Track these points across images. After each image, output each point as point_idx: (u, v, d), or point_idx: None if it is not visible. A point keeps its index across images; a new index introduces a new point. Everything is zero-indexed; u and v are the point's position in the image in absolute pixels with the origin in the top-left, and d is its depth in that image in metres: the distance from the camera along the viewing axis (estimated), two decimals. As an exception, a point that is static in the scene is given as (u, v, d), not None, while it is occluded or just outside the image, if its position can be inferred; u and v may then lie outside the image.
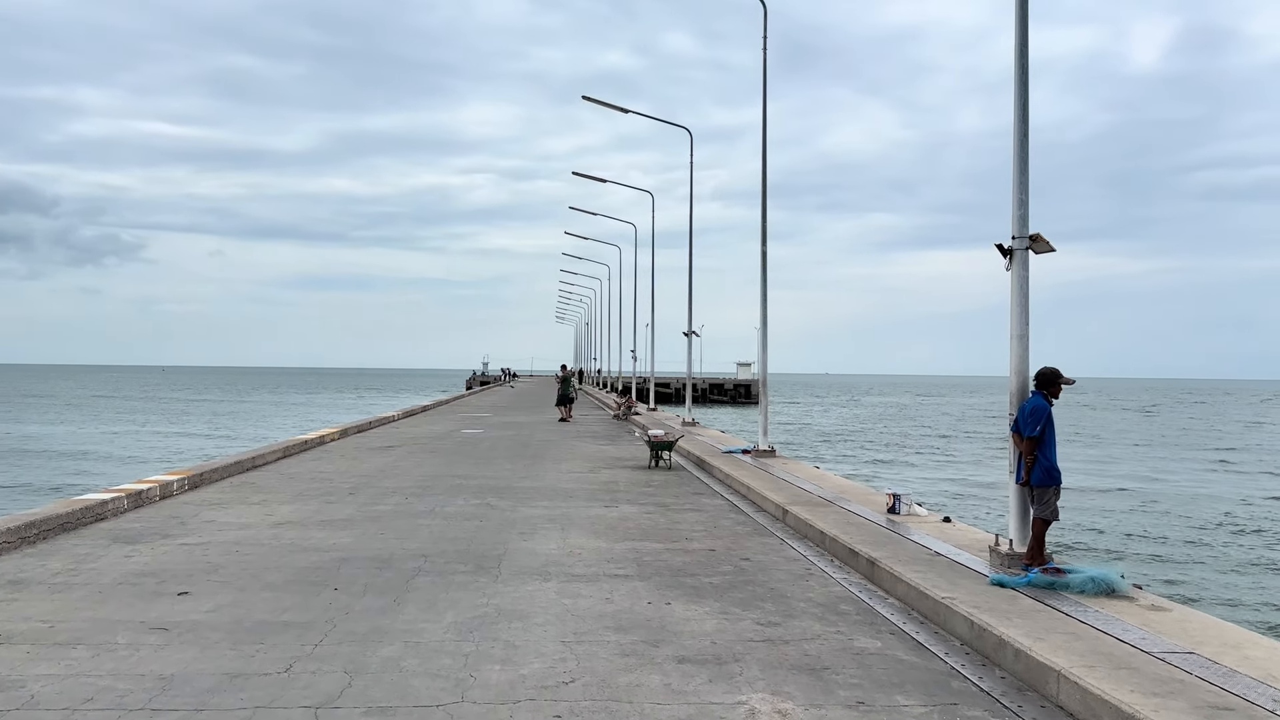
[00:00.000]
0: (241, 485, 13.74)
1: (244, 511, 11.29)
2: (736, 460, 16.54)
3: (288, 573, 7.99)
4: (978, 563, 7.82)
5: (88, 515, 10.09)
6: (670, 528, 10.58)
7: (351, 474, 15.35)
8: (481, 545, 9.35)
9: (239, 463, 15.39)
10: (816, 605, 7.17)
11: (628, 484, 14.55)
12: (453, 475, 15.37)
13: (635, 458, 18.83)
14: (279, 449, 17.84)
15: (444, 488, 13.78)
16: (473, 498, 12.77)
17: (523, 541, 9.58)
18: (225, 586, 7.46)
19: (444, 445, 21.20)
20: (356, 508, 11.70)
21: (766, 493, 12.21)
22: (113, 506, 10.70)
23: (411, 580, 7.78)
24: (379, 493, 13.10)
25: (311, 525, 10.39)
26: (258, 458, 16.39)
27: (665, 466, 16.85)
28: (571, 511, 11.65)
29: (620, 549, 9.28)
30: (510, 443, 22.26)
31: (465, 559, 8.68)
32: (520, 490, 13.59)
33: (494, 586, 7.61)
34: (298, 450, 18.89)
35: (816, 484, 13.15)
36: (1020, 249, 7.72)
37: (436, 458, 18.27)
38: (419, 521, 10.73)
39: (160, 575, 7.78)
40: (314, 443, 20.31)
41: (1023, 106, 7.77)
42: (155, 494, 11.94)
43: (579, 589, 7.57)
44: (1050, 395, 7.59)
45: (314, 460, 17.51)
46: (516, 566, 8.39)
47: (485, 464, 17.23)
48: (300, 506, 11.75)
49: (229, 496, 12.55)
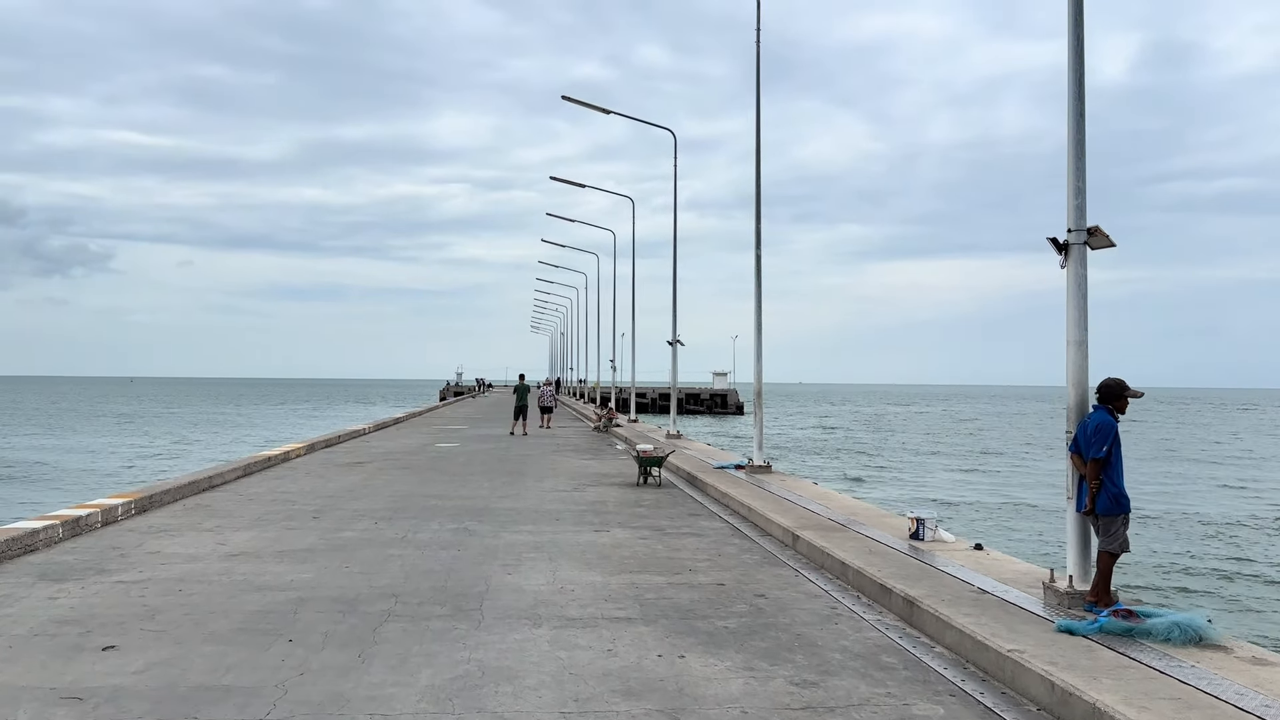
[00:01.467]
0: (195, 508, 12.57)
1: (194, 540, 10.15)
2: (731, 477, 15.54)
3: (236, 618, 6.88)
4: (1031, 601, 6.85)
5: (14, 547, 8.92)
6: (670, 556, 9.55)
7: (317, 495, 14.20)
8: (460, 581, 8.28)
9: (194, 483, 14.20)
10: (855, 657, 6.16)
11: (617, 504, 13.50)
12: (427, 495, 14.26)
13: (621, 473, 17.78)
14: (239, 467, 16.64)
15: (417, 510, 12.68)
16: (449, 521, 11.68)
17: (507, 575, 8.52)
18: (160, 638, 6.35)
19: (417, 461, 20.06)
20: (320, 535, 10.58)
21: (771, 514, 11.21)
22: (45, 536, 9.52)
23: (380, 628, 6.70)
24: (346, 516, 11.97)
25: (268, 557, 9.27)
26: (215, 477, 15.19)
27: (655, 483, 15.83)
28: (559, 537, 10.59)
29: (618, 584, 8.23)
30: (487, 458, 21.15)
31: (442, 598, 7.61)
32: (501, 512, 12.51)
33: (476, 635, 6.55)
34: (260, 468, 17.69)
35: (823, 504, 12.17)
36: (1077, 244, 6.78)
37: (409, 475, 17.14)
38: (389, 551, 9.63)
39: (86, 623, 6.66)
40: (278, 459, 19.10)
41: (1077, 81, 6.86)
42: (96, 520, 10.76)
43: (576, 637, 6.52)
44: (1116, 410, 6.65)
45: (277, 479, 16.32)
46: (501, 608, 7.32)
47: (461, 482, 16.12)
48: (258, 534, 10.61)
49: (180, 522, 11.38)
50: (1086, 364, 6.79)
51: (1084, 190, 6.82)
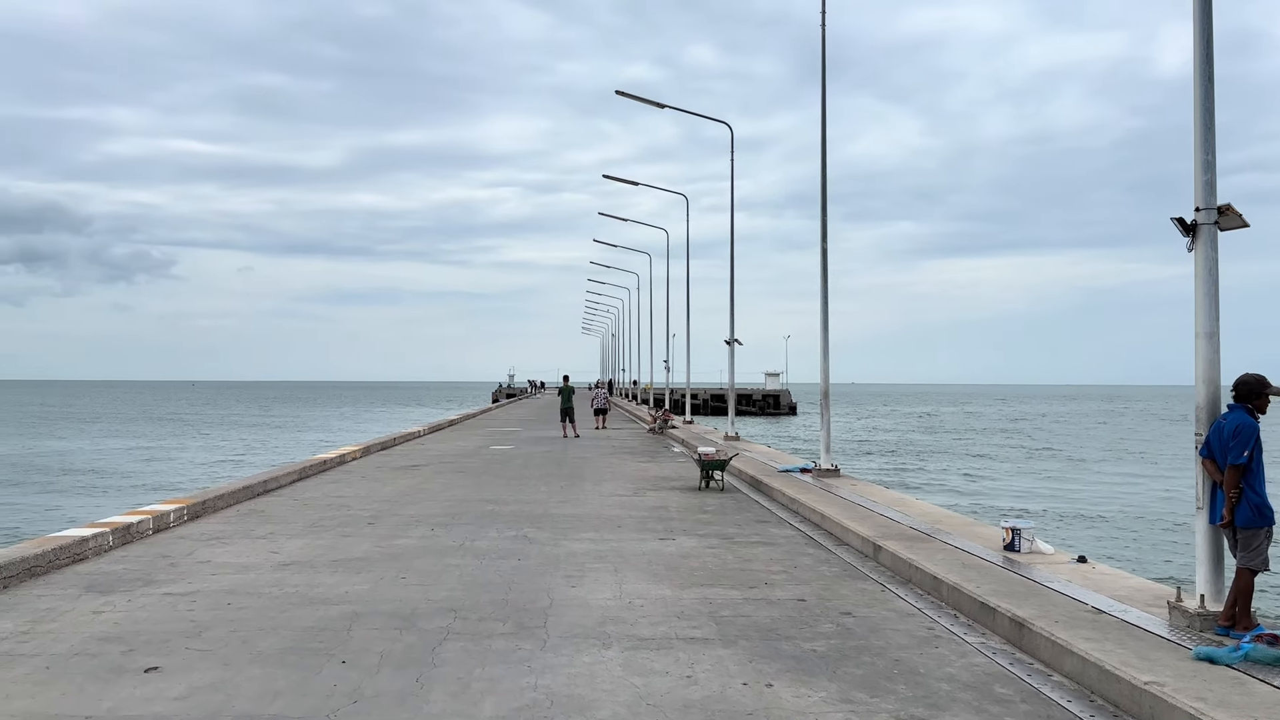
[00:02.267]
0: (249, 514, 12.27)
1: (246, 548, 9.80)
2: (797, 481, 14.89)
3: (286, 636, 6.45)
4: (1154, 623, 6.14)
5: (63, 556, 8.62)
6: (742, 568, 8.96)
7: (372, 499, 13.85)
8: (522, 594, 7.78)
9: (248, 487, 13.94)
10: (964, 687, 5.52)
11: (680, 509, 12.94)
12: (483, 500, 13.83)
13: (681, 477, 17.21)
14: (294, 470, 16.39)
15: (474, 515, 12.24)
16: (507, 528, 11.21)
17: (570, 588, 8.00)
18: (206, 657, 5.92)
19: (473, 464, 19.69)
20: (375, 543, 10.17)
21: (847, 522, 10.56)
22: (95, 544, 9.23)
23: (439, 648, 6.21)
24: (401, 523, 11.57)
25: (322, 566, 8.87)
26: (270, 481, 14.93)
27: (717, 488, 15.23)
28: (622, 546, 10.06)
29: (690, 599, 7.67)
30: (543, 460, 20.71)
31: (503, 613, 7.11)
32: (560, 519, 12.01)
33: (541, 657, 6.03)
34: (315, 471, 17.44)
35: (900, 511, 11.48)
36: (1207, 224, 6.07)
37: (465, 479, 16.75)
38: (447, 561, 9.17)
39: (129, 640, 6.26)
40: (333, 463, 18.86)
41: (1205, 49, 6.14)
42: (148, 527, 10.47)
43: (650, 660, 5.97)
44: (1255, 410, 5.93)
45: (332, 483, 16.04)
46: (567, 625, 6.80)
47: (518, 486, 15.68)
48: (312, 541, 10.24)
49: (232, 529, 11.07)
50: (1218, 358, 6.07)
51: (1213, 165, 6.10)
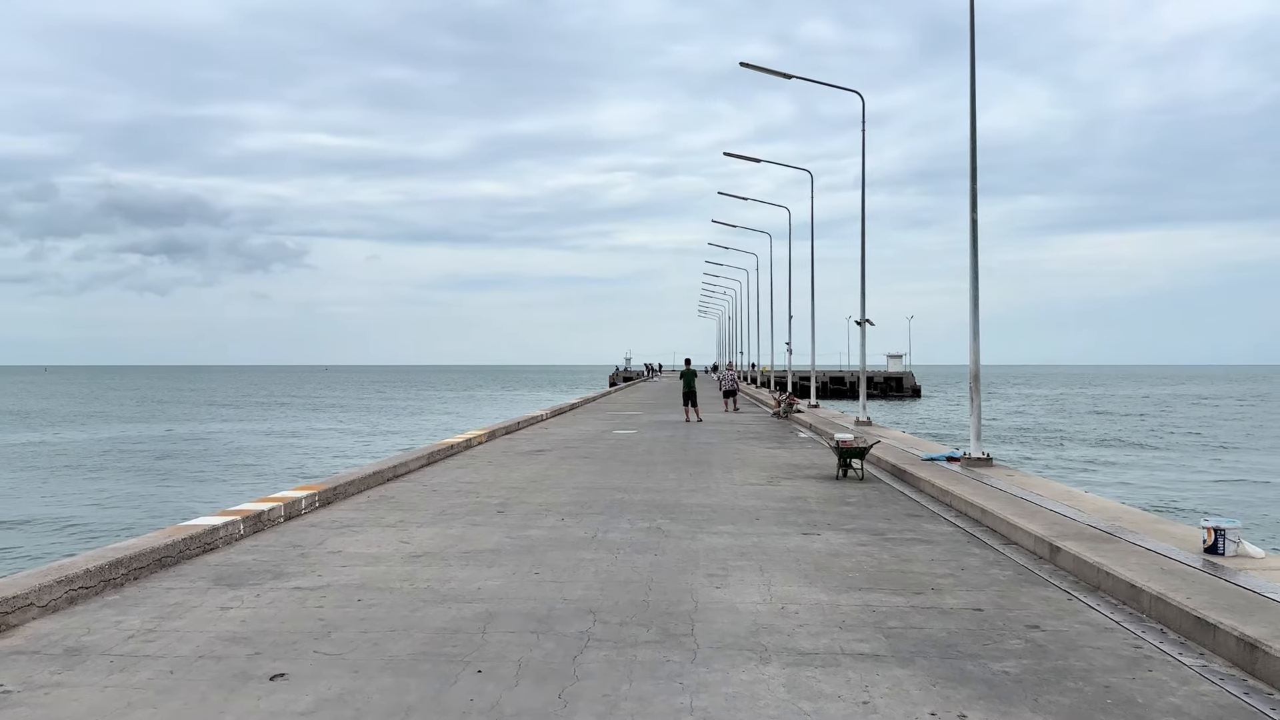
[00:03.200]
0: (379, 500, 12.08)
1: (377, 537, 9.52)
2: (945, 470, 13.88)
3: (419, 638, 6.02)
4: None
5: (193, 546, 8.48)
6: (902, 569, 8.15)
7: (500, 485, 13.53)
8: (663, 594, 7.18)
9: (378, 473, 13.81)
10: (1203, 728, 4.64)
11: (819, 500, 12.15)
12: (611, 487, 13.34)
13: (815, 465, 16.38)
14: (423, 455, 16.27)
15: (604, 504, 11.74)
16: (639, 519, 10.66)
17: (715, 589, 7.36)
18: (335, 664, 5.53)
19: (597, 449, 19.29)
20: (506, 533, 9.76)
21: (1013, 518, 9.60)
22: (225, 534, 9.09)
23: (580, 657, 5.66)
24: (531, 511, 11.16)
25: (453, 559, 8.48)
26: (399, 466, 14.81)
27: (856, 477, 14.35)
28: (765, 541, 9.36)
29: (849, 604, 6.93)
30: (668, 445, 20.16)
31: (645, 617, 6.53)
32: (693, 509, 11.40)
33: (693, 672, 5.41)
34: (443, 456, 17.32)
35: (1071, 506, 10.42)
36: None
37: (591, 465, 16.33)
38: (580, 555, 8.67)
39: (256, 642, 5.94)
40: (460, 447, 18.74)
41: None
42: (279, 514, 10.34)
43: (817, 680, 5.28)
44: None
45: (459, 468, 15.85)
46: (716, 633, 6.17)
47: (646, 473, 15.15)
48: (442, 530, 9.91)
49: (363, 516, 10.86)
50: None
51: None
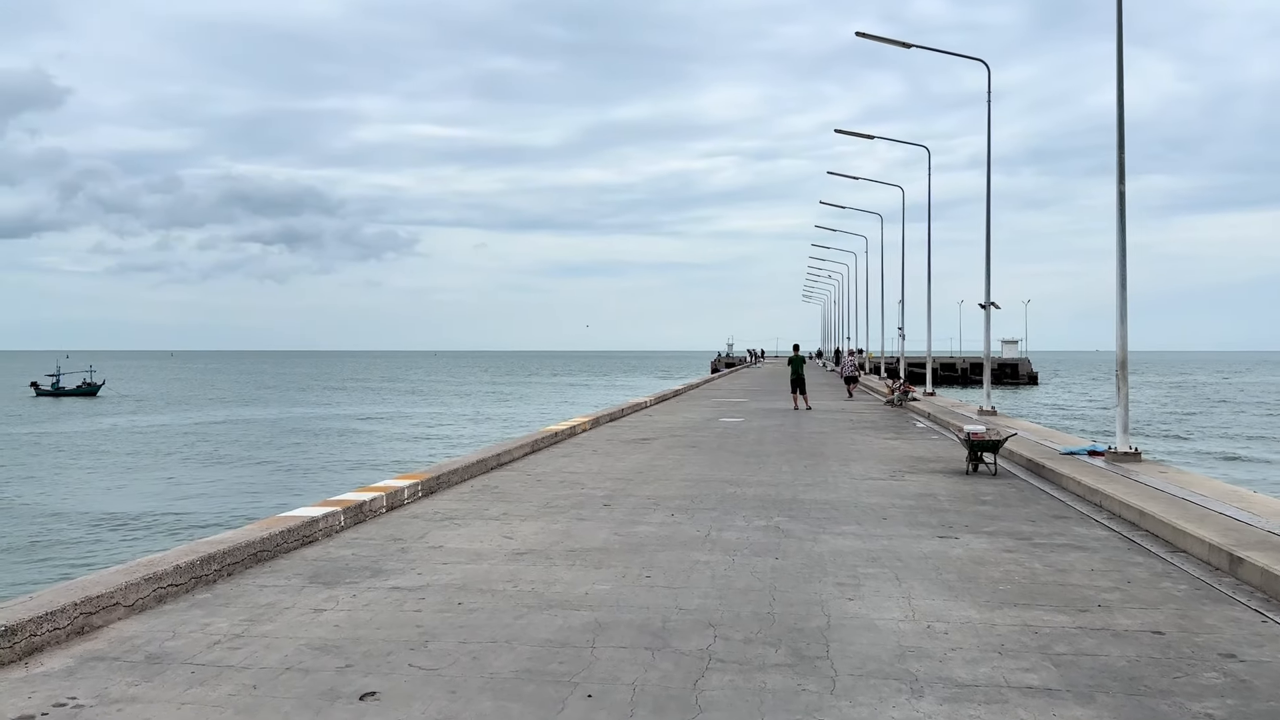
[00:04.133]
0: (483, 490, 11.66)
1: (479, 531, 9.05)
2: (1088, 466, 12.71)
3: (522, 652, 5.44)
4: None
5: (291, 539, 8.12)
6: (1059, 581, 7.22)
7: (605, 476, 12.98)
8: (789, 606, 6.45)
9: (482, 461, 13.42)
10: None
11: (951, 499, 11.20)
12: (722, 480, 12.63)
13: (940, 458, 15.34)
14: (527, 443, 15.86)
15: (716, 499, 11.05)
16: (755, 515, 9.94)
17: (848, 601, 6.59)
18: (430, 681, 4.99)
19: (704, 438, 18.59)
20: (613, 529, 9.17)
21: (1178, 522, 8.52)
22: (325, 525, 8.73)
23: (701, 681, 4.99)
24: (639, 505, 10.55)
25: (558, 557, 7.92)
26: (503, 455, 14.41)
27: (989, 472, 13.29)
28: (896, 544, 8.52)
29: (1005, 624, 6.07)
30: (778, 435, 19.32)
31: (772, 634, 5.81)
32: (812, 506, 10.60)
33: (834, 706, 4.67)
34: (547, 444, 16.89)
35: (1243, 508, 9.25)
36: None
37: (699, 454, 15.65)
38: (694, 556, 7.99)
39: (347, 652, 5.45)
40: (564, 434, 18.30)
41: None
42: (381, 505, 9.97)
43: (983, 722, 4.48)
44: None
45: (564, 456, 15.38)
46: (855, 657, 5.41)
47: (757, 464, 14.39)
48: (546, 524, 9.38)
49: (466, 507, 10.42)
50: None
51: None
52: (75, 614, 5.60)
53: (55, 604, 5.55)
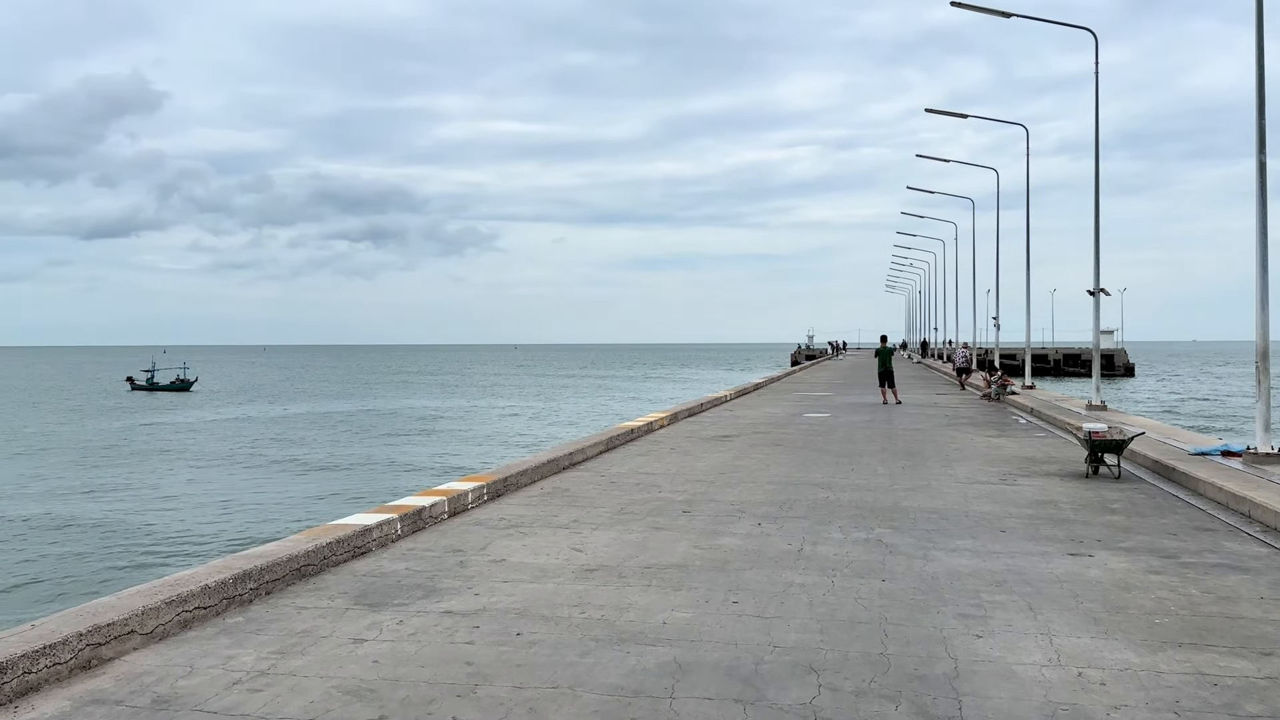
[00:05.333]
0: (552, 494, 10.85)
1: (546, 541, 8.22)
2: (1224, 469, 11.32)
3: (587, 703, 4.55)
4: None
5: (341, 550, 7.39)
6: (1226, 613, 6.05)
7: (684, 477, 12.06)
8: (905, 644, 5.44)
9: (553, 460, 12.62)
10: None
11: (1074, 506, 9.99)
12: (812, 483, 11.60)
13: (1052, 458, 14.03)
14: (601, 441, 15.03)
15: (807, 504, 10.04)
16: (853, 526, 8.90)
17: (975, 639, 5.55)
18: (477, 740, 4.14)
19: (789, 435, 17.52)
20: (693, 540, 8.24)
21: (1362, 543, 7.22)
22: (380, 535, 7.99)
23: (806, 750, 4.04)
24: (721, 512, 9.61)
25: (632, 576, 7.03)
26: (576, 453, 13.60)
27: (1111, 476, 11.97)
28: (1020, 563, 7.42)
29: (1174, 671, 4.97)
30: (869, 432, 18.14)
31: (888, 683, 4.82)
32: (916, 514, 9.52)
33: (980, 790, 3.67)
34: (622, 441, 16.05)
35: None
36: None
37: (784, 453, 14.61)
38: (786, 576, 7.02)
39: (384, 698, 4.64)
40: (641, 431, 17.43)
41: None
42: (442, 511, 9.22)
43: (1181, 823, 3.44)
44: None
45: (640, 455, 14.51)
46: (996, 717, 4.39)
47: (849, 464, 13.30)
48: (620, 534, 8.50)
49: (533, 513, 9.62)
50: None
51: None
52: (80, 646, 4.91)
53: (57, 634, 4.87)
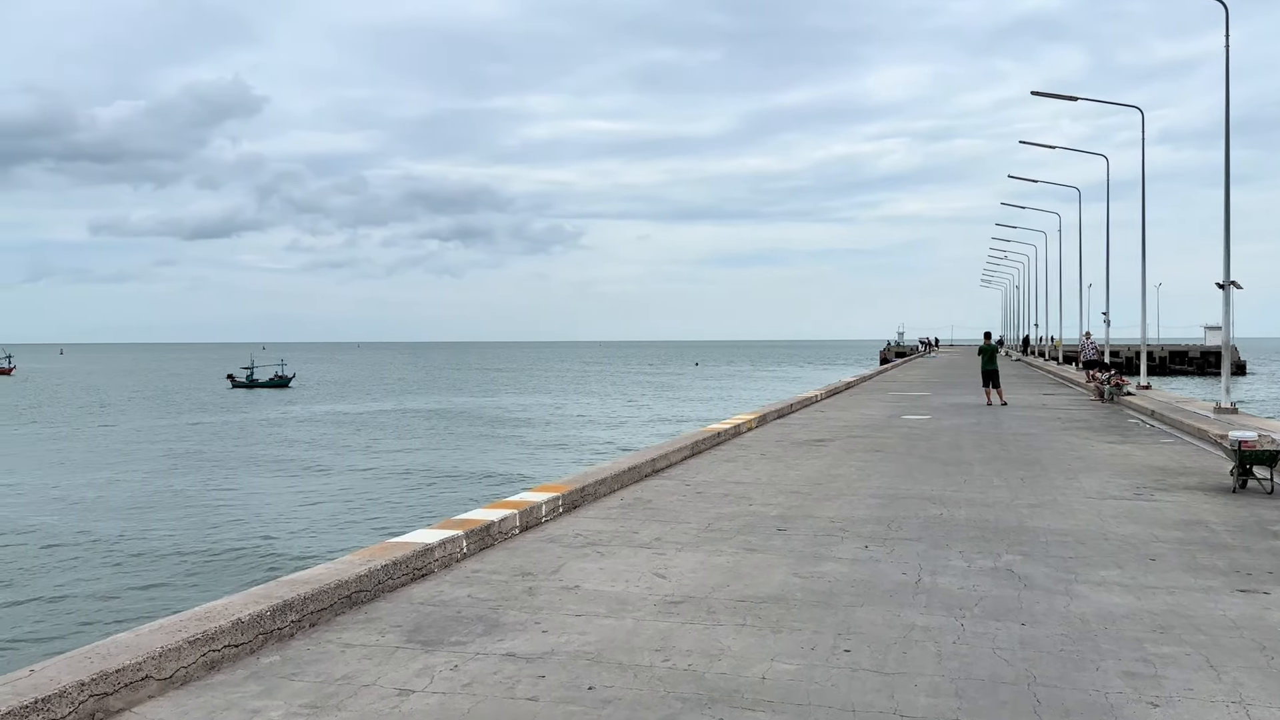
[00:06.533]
0: (633, 505, 9.98)
1: (626, 564, 7.34)
2: (1406, 486, 9.81)
3: (671, 791, 3.65)
4: None
5: (397, 574, 6.64)
6: None
7: (777, 488, 11.06)
8: (1066, 718, 4.39)
9: (634, 468, 11.75)
10: None
11: (1228, 527, 8.68)
12: (921, 496, 10.48)
13: (1186, 468, 12.60)
14: (686, 445, 14.11)
15: (917, 523, 8.96)
16: (975, 551, 7.80)
17: (1151, 709, 4.45)
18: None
19: (889, 440, 16.33)
20: (792, 566, 7.27)
21: None
22: (443, 554, 7.22)
23: None
24: (821, 531, 8.59)
25: (723, 611, 6.10)
26: (658, 459, 12.71)
27: (1264, 490, 10.56)
28: (1184, 603, 6.24)
29: None
30: (976, 437, 16.82)
31: (1051, 771, 3.79)
32: (1046, 536, 8.35)
33: None
34: (708, 445, 15.10)
35: None
36: None
37: (886, 461, 13.47)
38: (905, 616, 5.99)
39: (426, 774, 3.81)
40: (728, 434, 16.45)
41: None
42: (514, 525, 8.42)
43: None
44: None
45: (728, 460, 13.55)
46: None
47: (960, 475, 12.11)
48: (707, 557, 7.57)
49: (612, 528, 8.76)
50: None
51: None
52: (83, 697, 4.22)
53: (56, 684, 4.17)
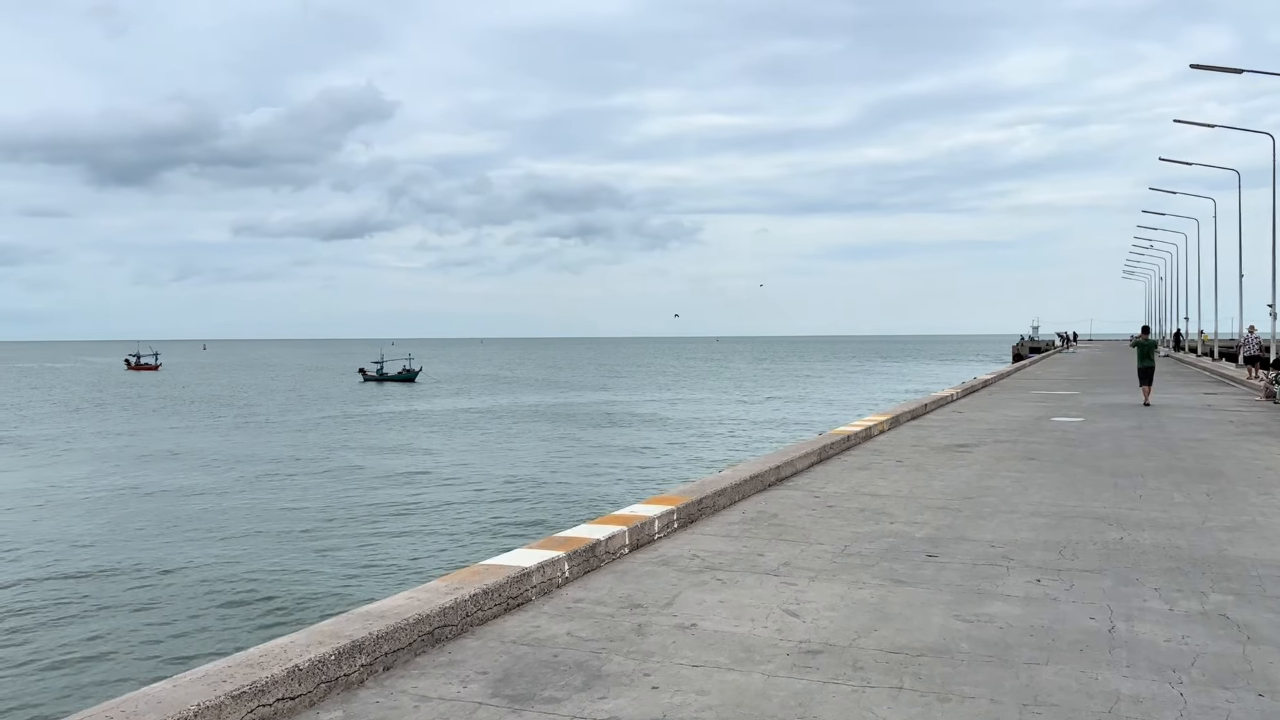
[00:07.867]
0: (756, 520, 8.93)
1: (750, 595, 6.31)
2: None
3: None
4: None
5: (487, 605, 5.78)
6: None
7: (919, 502, 9.83)
8: None
9: (757, 477, 10.68)
10: None
11: None
12: (1090, 514, 9.09)
13: None
14: (812, 451, 12.94)
15: (1095, 550, 7.62)
16: (1173, 587, 6.46)
17: None
18: None
19: (1041, 445, 14.75)
20: (951, 606, 6.09)
21: None
22: (541, 580, 6.34)
23: None
24: (979, 558, 7.36)
25: (873, 667, 5.00)
26: (783, 467, 11.60)
27: None
28: None
29: None
30: (1140, 441, 15.06)
31: None
32: (1257, 569, 6.91)
33: None
34: (837, 450, 13.88)
35: None
36: None
37: (1043, 471, 12.00)
38: (1104, 680, 4.77)
39: None
40: (858, 438, 15.18)
41: None
42: (622, 544, 7.49)
43: None
44: None
45: (860, 468, 12.33)
46: None
47: (1132, 487, 10.60)
48: (847, 590, 6.47)
49: (734, 549, 7.73)
50: None
51: None
52: (92, 772, 3.47)
53: (60, 756, 3.43)
